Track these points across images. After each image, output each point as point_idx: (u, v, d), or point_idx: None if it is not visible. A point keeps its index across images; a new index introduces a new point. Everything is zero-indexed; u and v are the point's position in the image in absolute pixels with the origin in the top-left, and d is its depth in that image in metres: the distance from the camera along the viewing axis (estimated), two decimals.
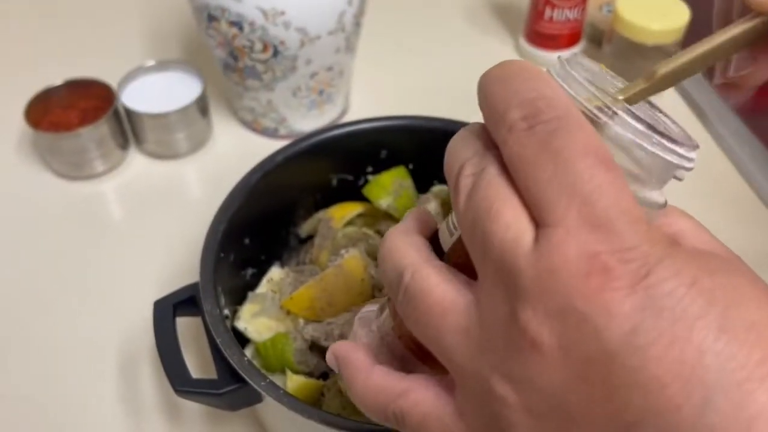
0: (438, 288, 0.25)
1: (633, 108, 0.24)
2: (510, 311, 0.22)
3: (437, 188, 0.62)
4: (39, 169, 0.75)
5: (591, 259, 0.20)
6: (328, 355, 0.31)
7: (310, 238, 0.62)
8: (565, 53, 0.21)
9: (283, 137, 0.77)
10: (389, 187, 0.59)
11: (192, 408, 0.56)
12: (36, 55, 0.89)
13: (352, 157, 0.61)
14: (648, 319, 0.20)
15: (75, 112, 0.74)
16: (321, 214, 0.61)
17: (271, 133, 0.78)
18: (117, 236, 0.70)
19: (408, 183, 0.61)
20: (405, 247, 0.27)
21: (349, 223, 0.60)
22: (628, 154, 0.23)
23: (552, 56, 0.85)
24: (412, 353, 0.30)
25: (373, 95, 0.84)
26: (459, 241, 0.26)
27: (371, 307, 0.34)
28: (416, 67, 0.88)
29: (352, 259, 0.54)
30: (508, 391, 0.22)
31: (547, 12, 0.82)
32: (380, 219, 0.60)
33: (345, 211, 0.60)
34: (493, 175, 0.23)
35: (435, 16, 0.95)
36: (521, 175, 0.22)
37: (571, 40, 0.85)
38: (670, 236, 0.22)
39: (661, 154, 0.23)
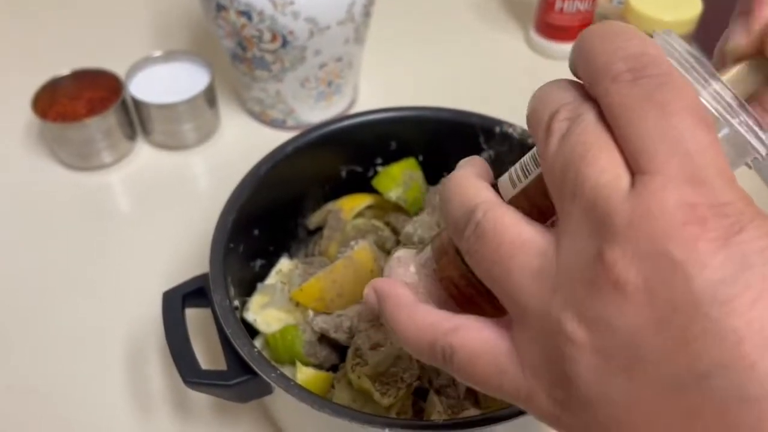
0: (513, 226, 0.25)
1: (726, 83, 0.24)
2: (596, 251, 0.22)
3: None
4: (46, 160, 0.75)
5: (689, 208, 0.21)
6: (367, 291, 0.31)
7: (319, 229, 0.62)
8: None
9: (291, 128, 0.77)
10: (399, 178, 0.59)
11: (201, 399, 0.56)
12: (43, 45, 0.89)
13: (361, 149, 0.61)
14: (737, 272, 0.20)
15: (82, 103, 0.74)
16: (330, 206, 0.61)
17: (279, 125, 0.77)
18: (125, 227, 0.70)
19: (418, 174, 0.60)
20: (476, 186, 0.27)
21: (359, 214, 0.59)
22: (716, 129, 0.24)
23: (563, 48, 0.85)
24: (452, 298, 0.30)
25: (382, 86, 0.83)
26: (523, 192, 0.27)
27: (408, 250, 0.33)
28: (425, 59, 0.87)
29: (362, 250, 0.53)
30: (580, 330, 0.22)
31: (558, 3, 0.81)
32: (390, 211, 0.60)
33: (354, 203, 0.60)
34: (590, 120, 0.23)
35: (444, 6, 0.95)
36: (623, 124, 0.22)
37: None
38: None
39: (744, 133, 0.24)
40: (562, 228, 0.23)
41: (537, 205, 0.26)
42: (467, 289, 0.28)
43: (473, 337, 0.26)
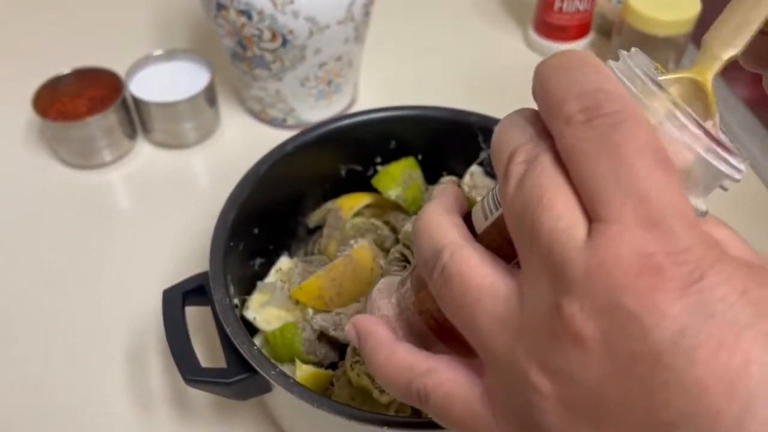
0: (478, 271, 0.25)
1: (690, 111, 0.23)
2: (555, 302, 0.21)
3: (446, 179, 0.61)
4: (47, 158, 0.75)
5: (645, 258, 0.20)
6: (349, 328, 0.31)
7: (319, 228, 0.62)
8: (586, 52, 0.20)
9: (291, 127, 0.77)
10: (398, 177, 0.59)
11: (200, 397, 0.56)
12: (44, 44, 0.89)
13: (361, 148, 0.61)
14: (697, 322, 0.20)
15: (83, 101, 0.74)
16: (330, 205, 0.61)
17: (279, 124, 0.78)
18: (125, 225, 0.70)
19: (417, 174, 0.60)
20: (444, 225, 0.27)
21: (358, 213, 0.60)
22: (680, 157, 0.23)
23: (562, 48, 0.85)
24: (431, 331, 0.30)
25: (382, 85, 0.83)
26: (495, 225, 0.26)
27: (391, 280, 0.33)
28: (425, 58, 0.87)
29: (361, 249, 0.54)
30: (544, 381, 0.22)
31: (557, 3, 0.81)
32: (389, 210, 0.60)
33: (354, 202, 0.60)
34: (547, 163, 0.22)
35: (444, 6, 0.95)
36: (577, 168, 0.22)
37: (581, 31, 0.85)
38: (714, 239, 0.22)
39: (713, 161, 0.23)
40: (523, 273, 0.23)
41: (507, 239, 0.25)
42: (446, 323, 0.28)
43: (447, 380, 0.26)
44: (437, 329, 0.30)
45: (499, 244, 0.25)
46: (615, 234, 0.21)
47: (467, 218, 0.28)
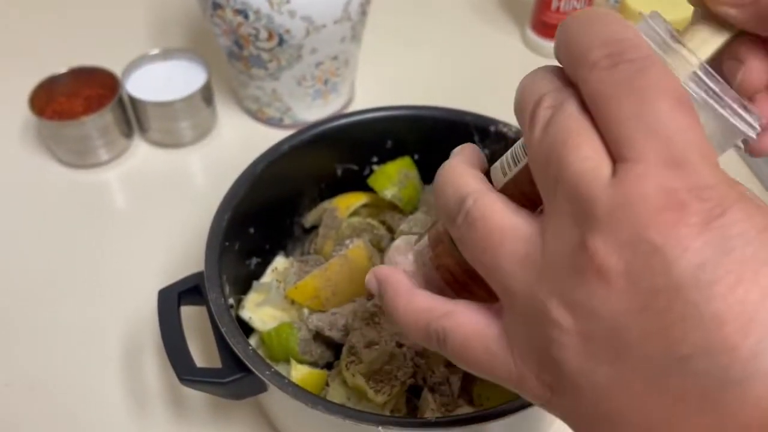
0: (501, 214, 0.25)
1: (709, 68, 0.24)
2: (579, 238, 0.22)
3: None
4: (43, 157, 0.75)
5: (668, 194, 0.21)
6: (369, 277, 0.32)
7: (315, 227, 0.62)
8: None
9: (287, 127, 0.77)
10: (394, 177, 0.59)
11: (196, 397, 0.56)
12: (41, 43, 0.89)
13: (357, 147, 0.61)
14: (718, 256, 0.20)
15: (79, 100, 0.74)
16: (326, 204, 0.61)
17: (276, 123, 0.78)
18: (121, 225, 0.70)
19: (413, 173, 0.60)
20: (467, 175, 0.28)
21: (354, 213, 0.60)
22: (699, 112, 0.23)
23: None
24: (447, 285, 0.31)
25: (379, 85, 0.83)
26: (513, 180, 0.27)
27: (407, 238, 0.34)
28: (422, 57, 0.87)
29: (357, 249, 0.54)
30: (565, 315, 0.23)
31: (554, 2, 0.81)
32: (385, 209, 0.60)
33: (350, 201, 0.60)
34: (573, 108, 0.23)
35: (441, 5, 0.95)
36: (602, 111, 0.22)
37: None
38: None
39: (730, 118, 0.24)
40: (547, 215, 0.24)
41: (526, 192, 0.26)
42: (462, 276, 0.29)
43: (465, 322, 0.27)
44: (453, 283, 0.30)
45: (518, 198, 0.26)
46: (639, 172, 0.21)
47: (486, 175, 0.29)
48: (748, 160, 0.75)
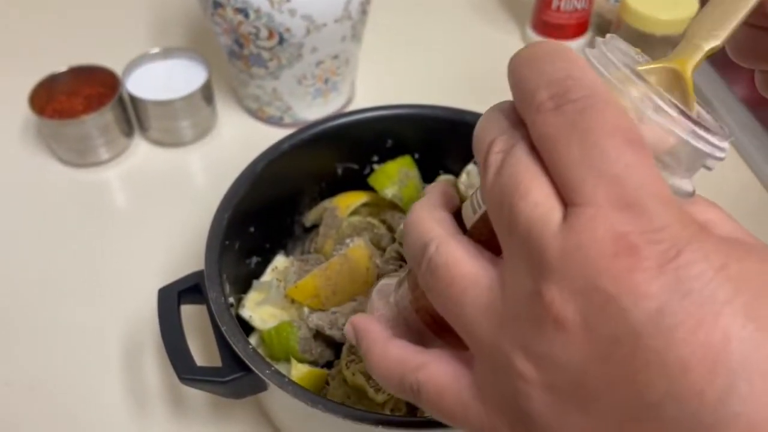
0: (462, 262, 0.25)
1: (665, 93, 0.23)
2: (534, 288, 0.22)
3: (443, 178, 0.61)
4: (43, 156, 0.75)
5: (619, 238, 0.20)
6: (347, 327, 0.32)
7: (315, 226, 0.62)
8: (598, 38, 0.20)
9: (287, 126, 0.77)
10: (395, 176, 0.59)
11: (196, 396, 0.56)
12: (41, 42, 0.89)
13: (357, 146, 0.61)
14: (675, 300, 0.19)
15: (79, 99, 0.74)
16: (326, 203, 0.61)
17: (276, 122, 0.77)
18: (121, 224, 0.70)
19: (414, 173, 0.60)
20: (431, 220, 0.27)
21: (354, 212, 0.60)
22: (660, 139, 0.23)
23: None
24: (428, 327, 0.30)
25: (379, 84, 0.83)
26: (482, 219, 0.27)
27: (389, 281, 0.34)
28: (422, 57, 0.87)
29: (358, 248, 0.54)
30: (528, 367, 0.22)
31: (555, 1, 0.81)
32: (385, 208, 0.60)
33: (350, 200, 0.60)
34: (522, 152, 0.23)
35: (441, 4, 0.95)
36: (549, 155, 0.22)
37: (579, 29, 0.84)
38: (699, 223, 0.22)
39: (692, 141, 0.23)
40: (504, 263, 0.24)
41: (492, 233, 0.25)
42: (441, 318, 0.28)
43: (438, 373, 0.27)
44: (433, 325, 0.30)
45: (487, 237, 0.26)
46: (589, 216, 0.21)
47: (458, 214, 0.29)
48: (748, 161, 0.75)
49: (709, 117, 0.25)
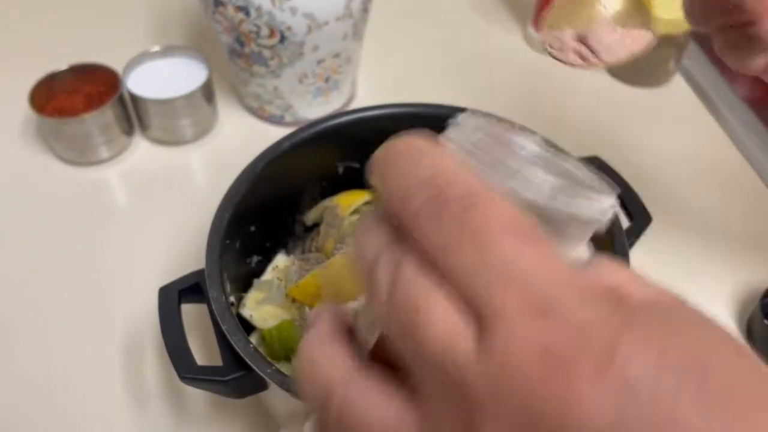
0: (377, 411, 0.21)
1: (534, 164, 0.21)
2: (466, 428, 0.19)
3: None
4: (43, 155, 0.75)
5: (546, 351, 0.18)
6: (310, 313, 0.29)
7: (316, 225, 0.62)
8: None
9: (288, 124, 0.77)
10: None
11: (196, 395, 0.56)
12: (41, 40, 0.88)
13: (358, 145, 0.60)
14: (626, 408, 0.17)
15: (80, 98, 0.74)
16: (327, 202, 0.61)
17: (277, 120, 0.77)
18: (122, 222, 0.69)
19: None
20: (326, 360, 0.23)
21: (355, 211, 0.59)
22: (537, 216, 0.21)
23: None
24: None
25: (380, 83, 0.83)
26: (381, 341, 0.23)
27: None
28: (423, 55, 0.87)
29: None
30: None
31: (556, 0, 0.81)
32: None
33: (351, 200, 0.60)
34: (411, 270, 0.20)
35: (443, 3, 0.95)
36: (443, 265, 0.19)
37: None
38: (614, 293, 0.20)
39: (577, 211, 0.21)
40: (424, 402, 0.20)
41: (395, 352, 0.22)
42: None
43: (377, 408, 0.22)
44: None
45: (393, 357, 0.22)
46: (506, 332, 0.18)
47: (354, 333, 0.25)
48: (750, 159, 0.75)
49: (584, 173, 0.23)
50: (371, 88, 0.82)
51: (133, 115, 0.75)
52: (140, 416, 0.56)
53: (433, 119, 0.59)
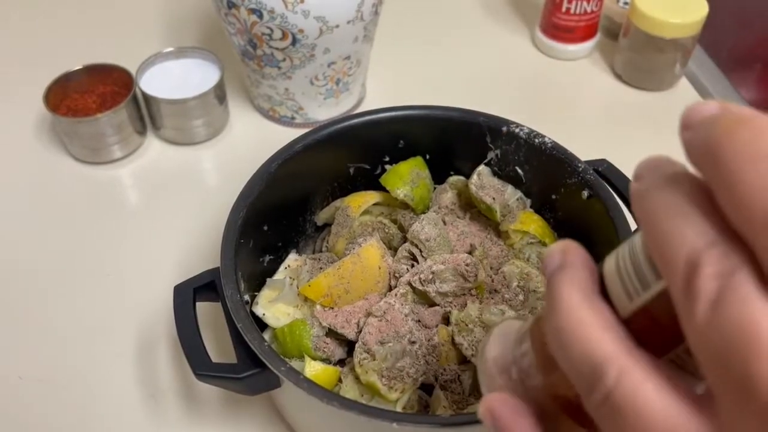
0: (656, 406, 0.19)
1: None
2: None
3: (454, 179, 0.62)
4: (57, 154, 0.76)
5: None
6: (481, 409, 0.26)
7: (327, 225, 0.62)
8: None
9: (299, 126, 0.77)
10: (406, 176, 0.60)
11: (210, 391, 0.57)
12: (56, 40, 0.89)
13: (369, 147, 0.61)
14: None
15: (93, 97, 0.74)
16: (338, 203, 0.61)
17: (288, 122, 0.78)
18: (135, 221, 0.70)
19: (425, 173, 0.61)
20: (596, 327, 0.21)
21: (366, 211, 0.60)
22: None
23: (569, 48, 0.85)
24: (570, 416, 0.25)
25: (390, 85, 0.84)
26: (645, 312, 0.21)
27: (502, 336, 0.29)
28: (432, 58, 0.88)
29: (370, 247, 0.54)
30: None
31: (565, 4, 0.82)
32: (397, 208, 0.61)
33: (362, 200, 0.60)
34: (751, 288, 0.17)
35: (452, 6, 0.95)
36: None
37: (588, 32, 0.85)
38: None
39: None
40: (729, 425, 0.18)
41: (663, 328, 0.21)
42: (583, 409, 0.23)
43: None
44: (581, 418, 0.25)
45: (651, 333, 0.21)
46: None
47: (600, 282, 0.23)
48: None
49: None
50: (381, 90, 0.83)
51: (146, 115, 0.76)
52: (154, 412, 0.56)
53: (444, 122, 0.60)
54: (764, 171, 0.17)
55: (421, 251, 0.55)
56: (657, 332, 0.21)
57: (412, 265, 0.55)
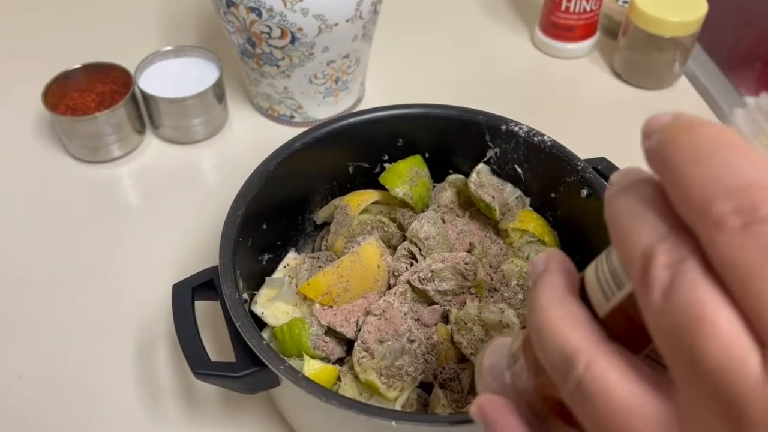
0: (623, 389, 0.21)
1: None
2: None
3: (453, 177, 0.62)
4: (56, 153, 0.76)
5: None
6: (473, 409, 0.28)
7: (326, 224, 0.62)
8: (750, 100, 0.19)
9: (298, 124, 0.77)
10: (405, 175, 0.59)
11: (208, 390, 0.56)
12: (54, 39, 0.89)
13: (368, 145, 0.61)
14: None
15: (92, 96, 0.74)
16: (337, 201, 0.61)
17: (287, 120, 0.78)
18: (134, 220, 0.70)
19: (424, 172, 0.61)
20: (568, 323, 0.23)
21: (365, 210, 0.60)
22: None
23: (568, 47, 0.85)
24: (560, 417, 0.26)
25: (389, 84, 0.84)
26: (620, 311, 0.23)
27: (497, 348, 0.30)
28: (431, 57, 0.88)
29: (369, 246, 0.54)
30: None
31: (564, 3, 0.82)
32: (396, 207, 0.61)
33: (361, 199, 0.60)
34: (698, 273, 0.19)
35: (451, 5, 0.95)
36: (738, 284, 0.18)
37: (587, 31, 0.85)
38: None
39: None
40: (683, 402, 0.20)
41: (637, 326, 0.22)
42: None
43: None
44: (568, 418, 0.26)
45: (627, 331, 0.22)
46: None
47: (581, 289, 0.25)
48: None
49: None
50: (380, 89, 0.83)
51: (145, 114, 0.76)
52: (152, 411, 0.56)
53: (443, 120, 0.60)
54: (702, 169, 0.19)
55: (420, 250, 0.55)
56: (632, 329, 0.22)
57: (411, 264, 0.55)
